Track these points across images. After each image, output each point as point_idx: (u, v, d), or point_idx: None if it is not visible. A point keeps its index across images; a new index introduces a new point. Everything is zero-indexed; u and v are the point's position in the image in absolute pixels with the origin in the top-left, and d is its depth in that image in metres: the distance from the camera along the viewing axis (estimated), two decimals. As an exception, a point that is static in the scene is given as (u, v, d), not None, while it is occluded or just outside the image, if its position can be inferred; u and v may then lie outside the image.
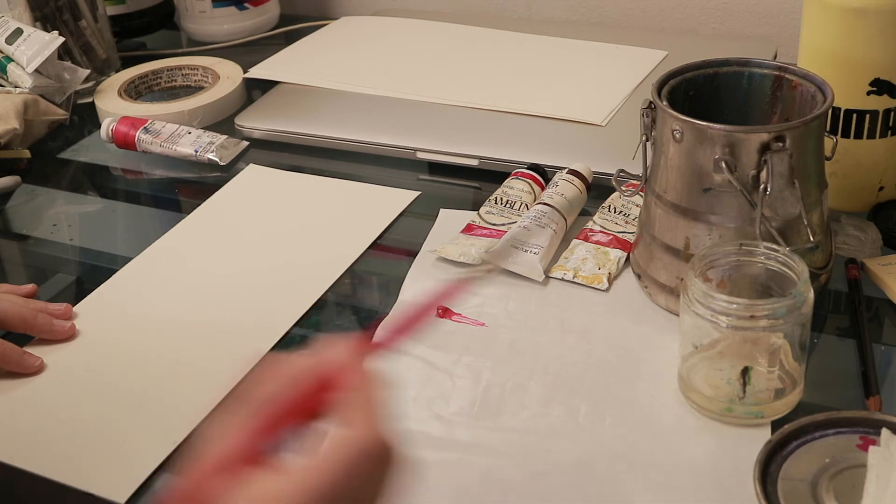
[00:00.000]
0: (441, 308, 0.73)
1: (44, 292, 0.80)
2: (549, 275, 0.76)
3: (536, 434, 0.62)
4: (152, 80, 1.14)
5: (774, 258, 0.62)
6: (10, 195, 0.96)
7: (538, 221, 0.78)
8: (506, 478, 0.59)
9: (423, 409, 0.65)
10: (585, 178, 0.83)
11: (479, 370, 0.68)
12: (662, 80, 0.71)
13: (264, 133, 1.00)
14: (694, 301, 0.60)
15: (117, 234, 0.91)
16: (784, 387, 0.62)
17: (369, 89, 1.04)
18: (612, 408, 0.64)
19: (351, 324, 0.75)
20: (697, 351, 0.62)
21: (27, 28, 1.05)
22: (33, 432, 0.66)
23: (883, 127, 0.77)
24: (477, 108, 0.99)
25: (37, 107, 1.01)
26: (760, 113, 0.73)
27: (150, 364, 0.71)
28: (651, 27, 1.24)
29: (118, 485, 0.61)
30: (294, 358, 0.45)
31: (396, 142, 0.95)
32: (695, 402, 0.63)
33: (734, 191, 0.65)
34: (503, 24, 1.18)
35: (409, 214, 0.87)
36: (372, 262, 0.82)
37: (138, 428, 0.65)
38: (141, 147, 0.98)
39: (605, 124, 0.94)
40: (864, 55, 0.75)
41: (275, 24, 1.32)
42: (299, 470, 0.40)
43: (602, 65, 1.07)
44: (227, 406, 0.44)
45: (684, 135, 0.66)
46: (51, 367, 0.71)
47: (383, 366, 0.45)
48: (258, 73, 1.10)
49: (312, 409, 0.44)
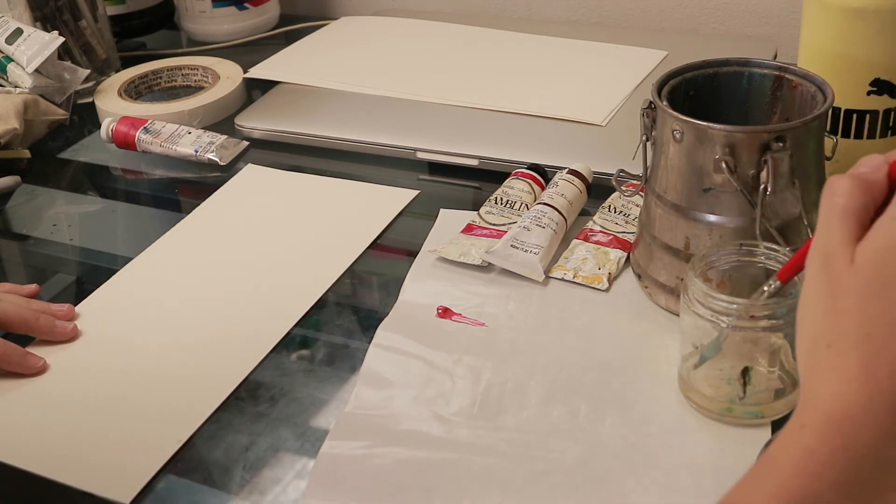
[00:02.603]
0: (441, 308, 0.74)
1: (44, 292, 0.80)
2: (549, 275, 0.77)
3: (536, 434, 0.62)
4: (152, 80, 1.14)
5: (774, 258, 0.62)
6: (10, 195, 0.96)
7: (538, 221, 0.78)
8: (506, 478, 0.59)
9: (423, 409, 0.65)
10: (585, 178, 0.83)
11: (479, 370, 0.68)
12: (662, 80, 0.71)
13: (264, 133, 1.00)
14: (694, 301, 0.60)
15: (117, 234, 0.91)
16: (784, 387, 0.62)
17: (369, 89, 1.04)
18: (612, 408, 0.64)
19: (351, 324, 0.76)
20: (697, 351, 0.62)
21: (27, 28, 1.05)
22: (36, 433, 0.66)
23: (883, 127, 0.77)
24: (477, 108, 0.99)
25: (37, 107, 1.01)
26: (760, 113, 0.73)
27: (153, 364, 0.71)
28: (651, 27, 1.24)
29: (122, 485, 0.61)
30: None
31: (396, 142, 0.95)
32: (695, 402, 0.63)
33: (734, 191, 0.65)
34: (503, 24, 1.19)
35: (409, 214, 0.87)
36: (372, 262, 0.82)
37: (142, 428, 0.65)
38: (141, 147, 0.98)
39: (605, 124, 0.94)
40: (864, 55, 0.75)
41: (275, 24, 1.32)
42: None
43: (602, 65, 1.07)
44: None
45: (684, 135, 0.66)
46: (53, 368, 0.71)
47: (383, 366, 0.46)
48: (258, 73, 1.11)
49: None
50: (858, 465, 0.40)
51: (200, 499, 0.61)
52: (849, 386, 0.41)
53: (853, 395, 0.41)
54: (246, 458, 0.63)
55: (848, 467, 0.40)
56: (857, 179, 0.44)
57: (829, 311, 0.43)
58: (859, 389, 0.41)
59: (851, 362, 0.41)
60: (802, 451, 0.41)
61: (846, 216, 0.44)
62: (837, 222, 0.44)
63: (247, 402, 0.67)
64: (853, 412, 0.41)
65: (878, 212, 0.44)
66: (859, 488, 0.40)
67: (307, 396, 0.67)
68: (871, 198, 0.44)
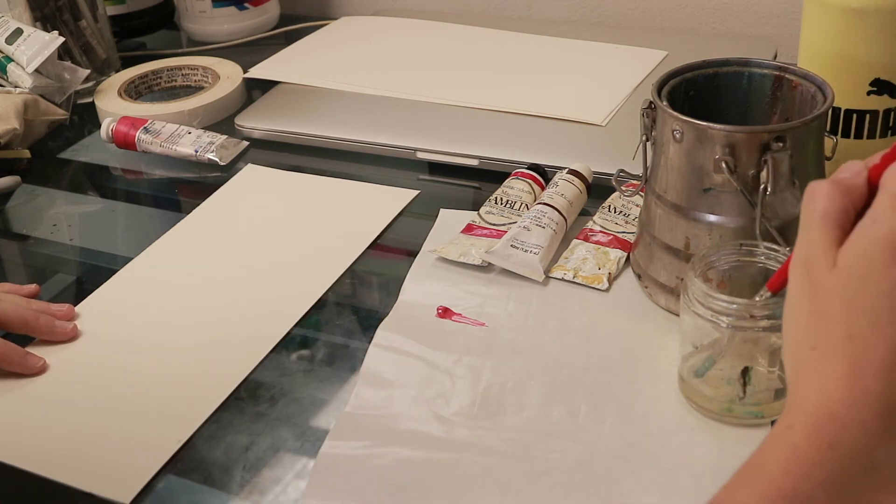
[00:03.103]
0: (441, 308, 0.74)
1: (44, 292, 0.80)
2: (549, 275, 0.76)
3: (536, 434, 0.62)
4: (152, 80, 1.14)
5: (774, 258, 0.62)
6: (10, 195, 0.96)
7: (538, 221, 0.78)
8: (506, 478, 0.59)
9: (423, 409, 0.65)
10: (585, 178, 0.83)
11: (479, 370, 0.68)
12: (662, 80, 0.71)
13: (264, 133, 1.00)
14: (694, 301, 0.60)
15: (117, 234, 0.91)
16: (784, 387, 0.62)
17: (369, 89, 1.04)
18: (612, 408, 0.64)
19: (351, 324, 0.76)
20: (697, 351, 0.62)
21: (27, 28, 1.05)
22: (36, 433, 0.66)
23: (883, 127, 0.77)
24: (477, 108, 0.99)
25: (37, 107, 1.01)
26: (760, 113, 0.73)
27: (152, 364, 0.71)
28: (651, 27, 1.24)
29: (122, 485, 0.61)
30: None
31: (396, 142, 0.95)
32: (695, 402, 0.63)
33: (734, 191, 0.65)
34: (503, 24, 1.19)
35: (409, 214, 0.87)
36: (372, 262, 0.82)
37: (142, 428, 0.65)
38: (141, 147, 0.98)
39: (605, 124, 0.94)
40: (864, 55, 0.75)
41: (275, 24, 1.32)
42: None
43: (602, 65, 1.07)
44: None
45: (684, 135, 0.66)
46: (53, 368, 0.71)
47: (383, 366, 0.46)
48: (258, 73, 1.11)
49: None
50: (847, 465, 0.40)
51: (200, 499, 0.61)
52: (835, 386, 0.41)
53: (839, 395, 0.41)
54: (246, 458, 0.63)
55: (836, 467, 0.40)
56: (836, 184, 0.45)
57: (812, 314, 0.43)
58: (845, 390, 0.41)
59: (837, 364, 0.41)
60: (790, 451, 0.41)
61: (826, 221, 0.44)
62: (818, 227, 0.44)
63: (247, 402, 0.67)
64: (839, 412, 0.41)
65: (858, 216, 0.44)
66: (849, 488, 0.40)
67: (307, 396, 0.67)
68: (850, 202, 0.44)
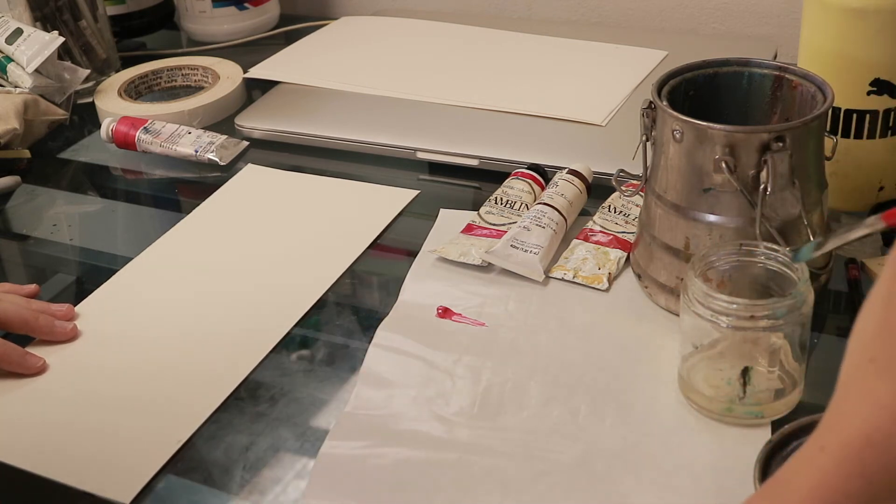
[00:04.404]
0: (441, 308, 0.74)
1: (44, 292, 0.80)
2: (549, 275, 0.76)
3: (536, 434, 0.62)
4: (152, 80, 1.14)
5: (774, 258, 0.62)
6: (10, 195, 0.96)
7: (538, 221, 0.78)
8: (506, 478, 0.59)
9: (423, 409, 0.65)
10: (585, 178, 0.83)
11: (479, 370, 0.68)
12: (662, 80, 0.71)
13: (264, 133, 1.00)
14: (694, 301, 0.60)
15: (117, 234, 0.91)
16: (784, 387, 0.62)
17: (369, 89, 1.04)
18: (611, 408, 0.64)
19: (351, 324, 0.76)
20: (697, 351, 0.62)
21: (27, 28, 1.05)
22: (36, 433, 0.66)
23: (883, 127, 0.77)
24: (477, 108, 0.99)
25: (37, 107, 1.01)
26: (760, 113, 0.73)
27: (152, 364, 0.71)
28: (651, 27, 1.24)
29: (122, 485, 0.61)
30: None
31: (396, 142, 0.95)
32: (695, 403, 0.63)
33: (734, 191, 0.65)
34: (503, 24, 1.19)
35: (409, 214, 0.87)
36: (372, 262, 0.82)
37: (142, 428, 0.66)
38: (141, 147, 0.98)
39: (605, 124, 0.94)
40: (864, 55, 0.75)
41: (275, 24, 1.32)
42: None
43: (602, 65, 1.07)
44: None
45: (684, 135, 0.66)
46: (53, 368, 0.71)
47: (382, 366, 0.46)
48: (258, 73, 1.11)
49: None
50: (875, 494, 0.39)
51: (200, 499, 0.61)
52: (880, 411, 0.39)
53: (881, 420, 0.39)
54: (246, 458, 0.63)
55: (864, 497, 0.39)
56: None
57: (881, 323, 0.41)
58: (887, 416, 0.39)
59: (888, 384, 0.39)
60: (819, 477, 0.40)
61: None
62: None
63: (247, 402, 0.67)
64: (876, 438, 0.39)
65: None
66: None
67: (307, 396, 0.67)
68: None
